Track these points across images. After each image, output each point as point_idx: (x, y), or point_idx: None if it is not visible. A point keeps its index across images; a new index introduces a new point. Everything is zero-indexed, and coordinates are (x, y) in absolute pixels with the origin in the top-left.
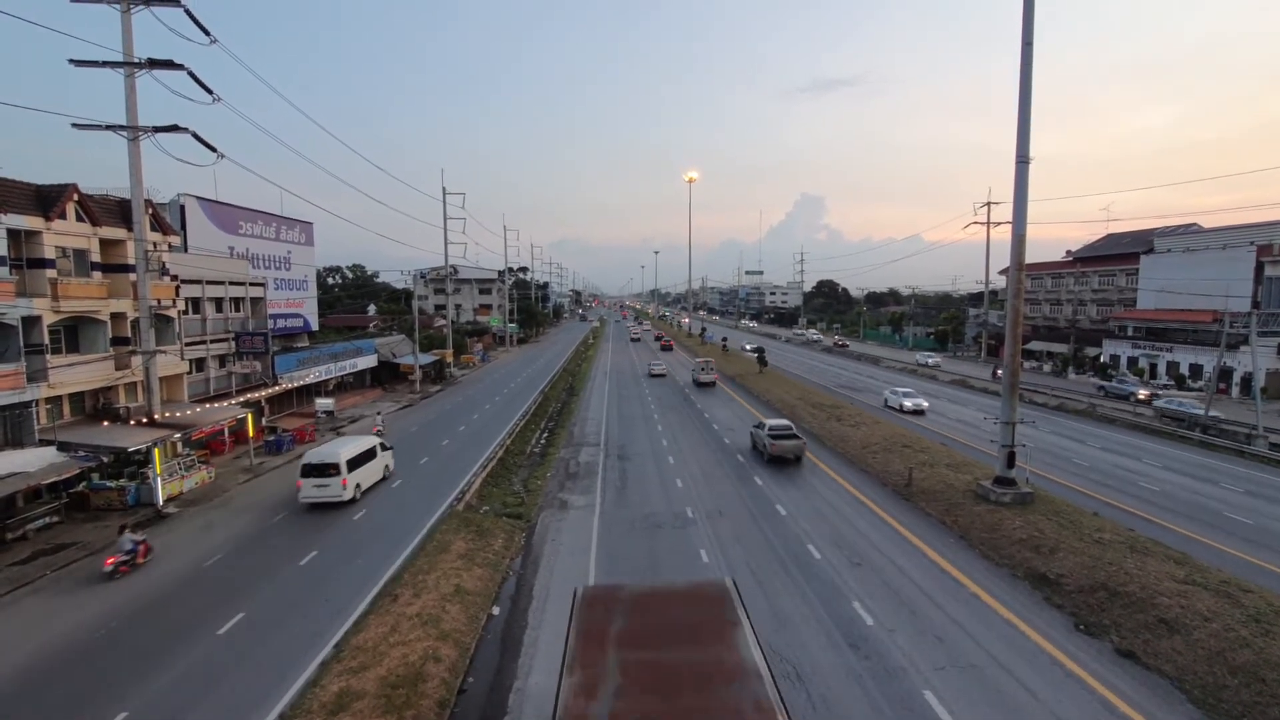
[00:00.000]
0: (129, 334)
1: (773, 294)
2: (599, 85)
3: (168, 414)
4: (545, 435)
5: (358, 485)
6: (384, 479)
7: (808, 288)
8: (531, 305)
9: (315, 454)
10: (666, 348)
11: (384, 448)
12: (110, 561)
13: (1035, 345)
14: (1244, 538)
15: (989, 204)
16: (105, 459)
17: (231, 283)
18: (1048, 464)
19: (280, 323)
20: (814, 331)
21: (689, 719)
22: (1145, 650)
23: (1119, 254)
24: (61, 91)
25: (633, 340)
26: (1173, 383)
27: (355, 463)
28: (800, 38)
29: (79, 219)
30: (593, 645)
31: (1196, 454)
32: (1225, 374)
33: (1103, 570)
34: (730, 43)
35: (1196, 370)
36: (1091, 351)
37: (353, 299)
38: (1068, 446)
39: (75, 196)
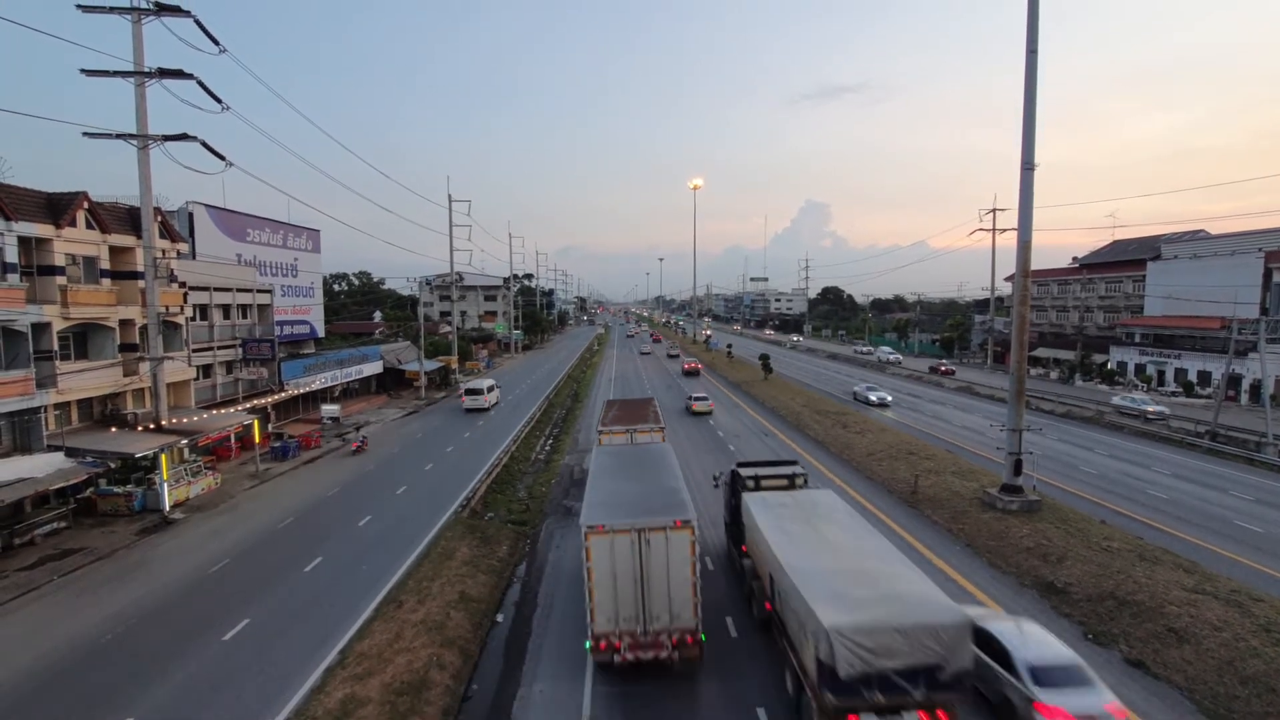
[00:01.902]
0: (137, 340)
1: (778, 300)
2: (605, 94)
3: (175, 420)
4: (550, 442)
5: (495, 402)
6: (497, 403)
7: (813, 294)
8: (536, 312)
9: (472, 384)
10: (692, 372)
11: (495, 386)
12: (355, 445)
13: (1042, 352)
14: (1254, 546)
15: (994, 210)
16: (112, 464)
17: (239, 289)
18: (1055, 472)
19: (287, 329)
20: (887, 349)
21: (634, 423)
22: (1155, 660)
23: (1126, 260)
24: (72, 101)
25: (642, 354)
26: (1181, 390)
27: (489, 390)
28: (805, 45)
29: (89, 226)
30: (609, 409)
31: (1205, 462)
32: (1234, 381)
33: (1111, 579)
34: (736, 51)
35: (1205, 377)
36: (1099, 358)
37: (359, 306)
38: (1075, 454)
39: (85, 204)
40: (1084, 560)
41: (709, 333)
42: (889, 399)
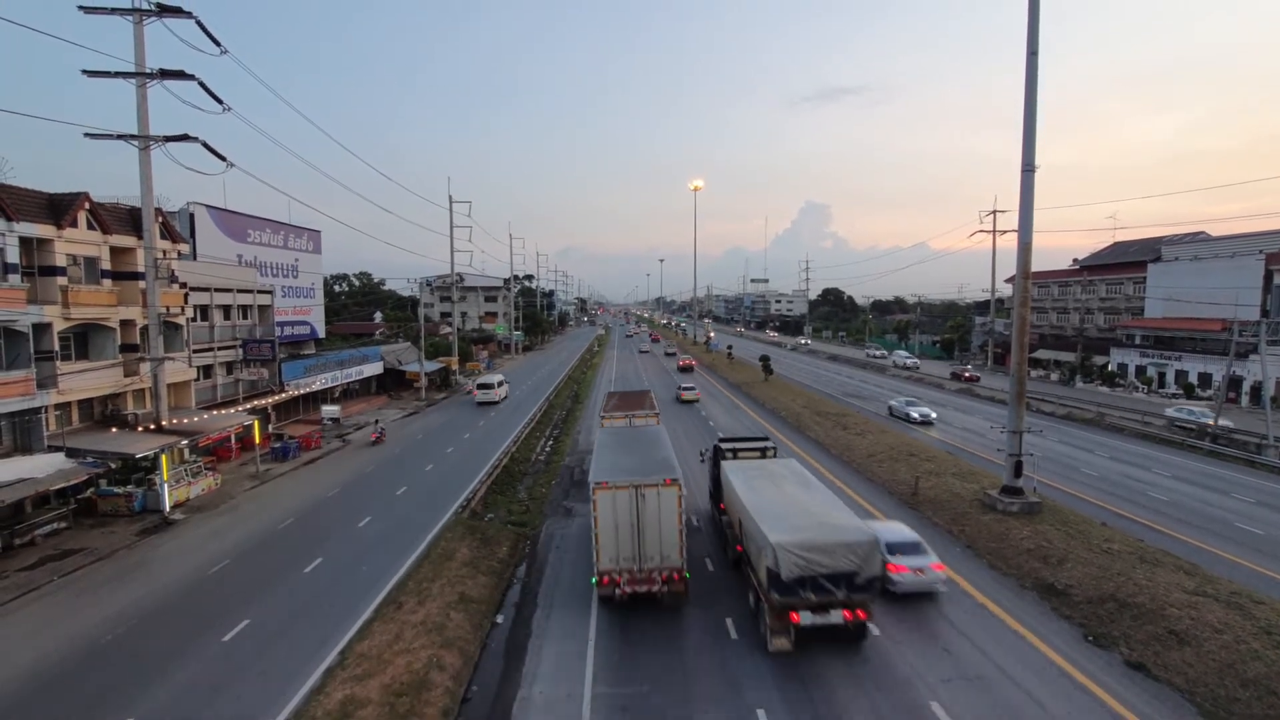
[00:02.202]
0: (138, 341)
1: (778, 302)
2: (605, 95)
3: (175, 420)
4: (550, 443)
5: (505, 396)
6: (506, 396)
7: (813, 295)
8: (537, 313)
9: (483, 379)
10: (686, 369)
11: (505, 382)
12: (374, 436)
13: (1042, 354)
14: (1255, 548)
15: (995, 212)
16: (113, 465)
17: (239, 290)
18: (1056, 473)
19: (287, 330)
20: (904, 354)
21: (632, 410)
22: (1155, 662)
23: (1126, 262)
24: (73, 102)
25: (641, 353)
26: (1182, 392)
27: (499, 384)
28: (806, 47)
29: (90, 227)
30: (610, 399)
31: (1206, 464)
32: (1235, 383)
33: (1112, 581)
34: (736, 52)
35: (1205, 379)
36: (1099, 360)
37: (359, 306)
38: (1075, 456)
39: (87, 205)
40: (1084, 562)
41: (711, 334)
42: (933, 415)
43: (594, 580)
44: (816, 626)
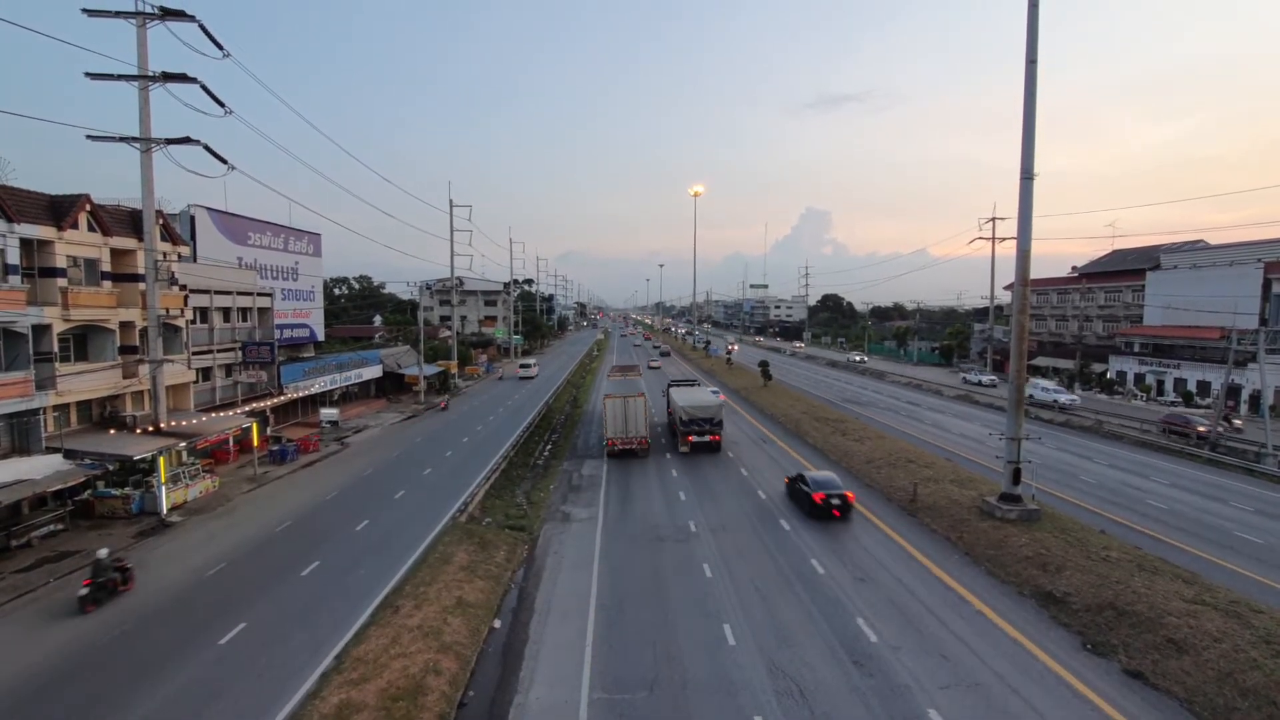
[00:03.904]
0: (137, 343)
1: (777, 307)
2: (607, 100)
3: (173, 423)
4: (549, 447)
5: (537, 374)
6: (538, 374)
7: (813, 301)
8: (536, 317)
9: (523, 360)
10: (665, 353)
11: (537, 364)
12: (442, 404)
13: (1041, 361)
14: (1253, 557)
15: (994, 219)
16: (111, 467)
17: (239, 293)
18: (1054, 481)
19: (287, 333)
20: (978, 369)
21: (626, 374)
22: (1154, 670)
23: (1125, 270)
24: (75, 104)
25: (635, 346)
26: (1180, 399)
27: (534, 365)
28: (808, 53)
29: (90, 229)
30: (613, 372)
31: (1205, 472)
32: (1233, 391)
33: (1110, 589)
34: (738, 59)
35: (1204, 387)
36: (1098, 368)
37: (359, 310)
38: (1074, 463)
39: (87, 207)
40: (1083, 570)
41: (709, 340)
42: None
43: (604, 443)
44: (697, 441)
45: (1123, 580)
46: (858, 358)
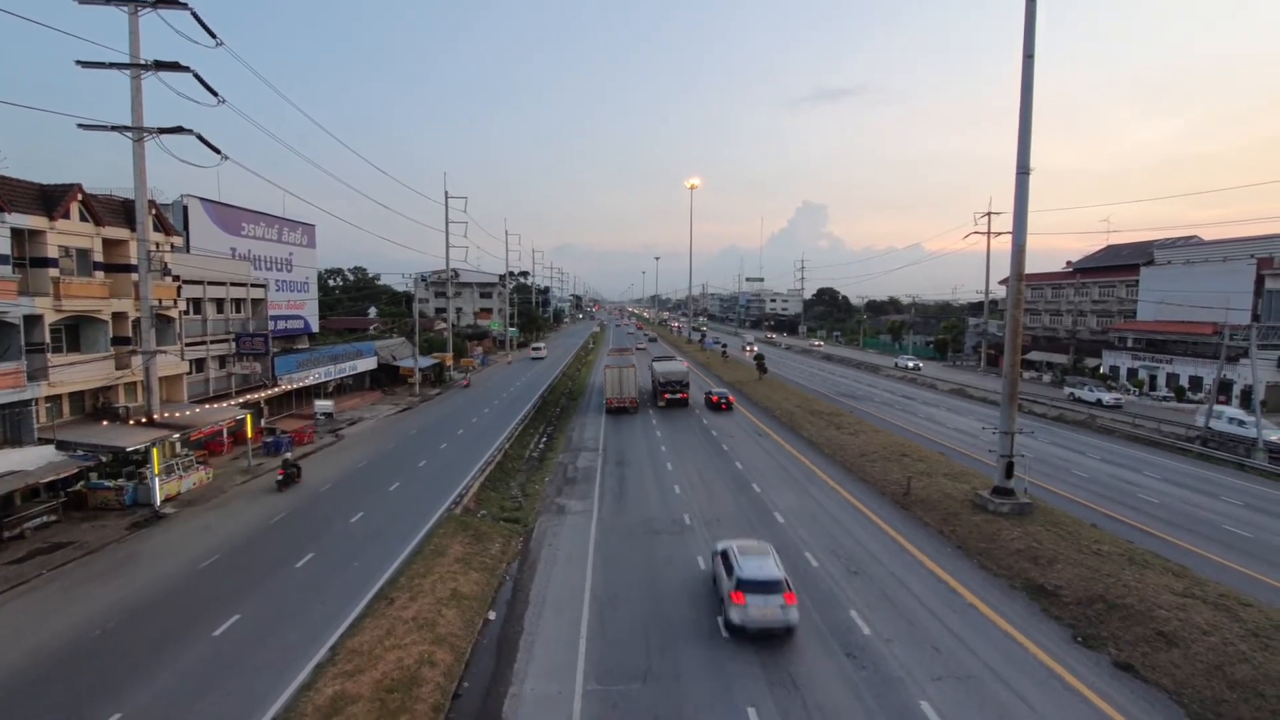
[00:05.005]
0: (130, 334)
1: (773, 301)
2: (604, 93)
3: (167, 414)
4: (544, 440)
5: (546, 354)
6: (545, 355)
7: (808, 295)
8: (532, 310)
9: (535, 343)
10: (653, 339)
11: (546, 346)
12: (464, 382)
13: (1035, 355)
14: (1243, 551)
15: (989, 214)
16: (104, 458)
17: (233, 284)
18: (1046, 475)
19: (281, 324)
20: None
21: (622, 353)
22: (1144, 663)
23: (1119, 265)
24: (67, 92)
25: (628, 334)
26: (1172, 395)
27: (543, 347)
28: (805, 47)
29: (82, 219)
30: (612, 353)
31: (1196, 466)
32: (1225, 386)
33: (1101, 582)
34: (736, 53)
35: (1196, 382)
36: (1091, 362)
37: (354, 301)
38: (1066, 457)
39: (79, 196)
40: (1074, 563)
41: (705, 329)
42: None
43: (603, 402)
44: (671, 398)
45: (1113, 574)
46: (911, 364)
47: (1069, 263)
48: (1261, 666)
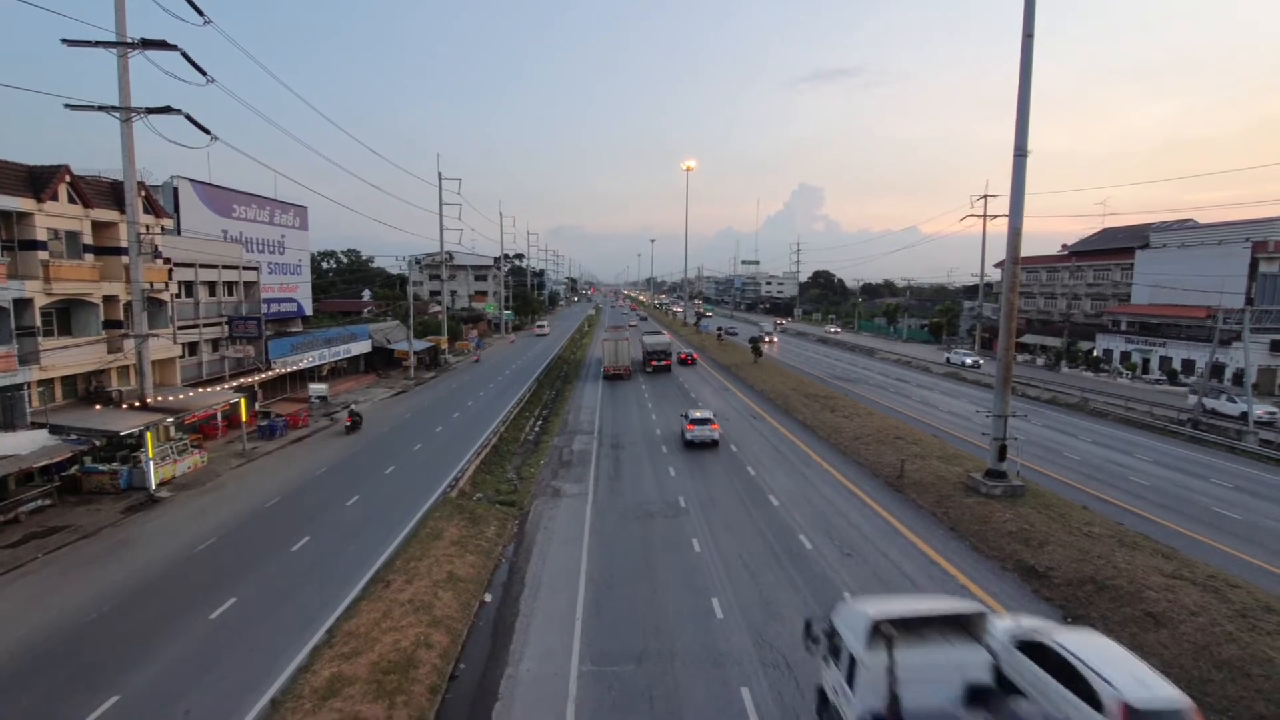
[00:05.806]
0: (121, 317)
1: (769, 284)
2: (600, 75)
3: (160, 398)
4: (539, 423)
5: (549, 332)
6: (549, 333)
7: (804, 278)
8: (527, 292)
9: (540, 322)
10: (644, 317)
11: (549, 324)
12: (475, 358)
13: (1029, 338)
14: (1232, 533)
15: (986, 197)
16: (98, 442)
17: (225, 266)
18: (1039, 457)
19: (274, 307)
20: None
21: (618, 330)
22: (1132, 643)
23: (1114, 249)
24: (53, 72)
25: (622, 314)
26: (1165, 378)
27: (547, 324)
28: (802, 27)
29: (71, 201)
30: (609, 329)
31: (1187, 449)
32: (1217, 370)
33: (1091, 564)
34: (732, 34)
35: (1189, 365)
36: (1085, 345)
37: (347, 284)
38: (1059, 440)
39: (67, 178)
40: (1065, 545)
41: (701, 311)
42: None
43: (602, 371)
44: (655, 366)
45: (1104, 555)
46: (969, 360)
47: (1065, 245)
48: (1248, 647)
